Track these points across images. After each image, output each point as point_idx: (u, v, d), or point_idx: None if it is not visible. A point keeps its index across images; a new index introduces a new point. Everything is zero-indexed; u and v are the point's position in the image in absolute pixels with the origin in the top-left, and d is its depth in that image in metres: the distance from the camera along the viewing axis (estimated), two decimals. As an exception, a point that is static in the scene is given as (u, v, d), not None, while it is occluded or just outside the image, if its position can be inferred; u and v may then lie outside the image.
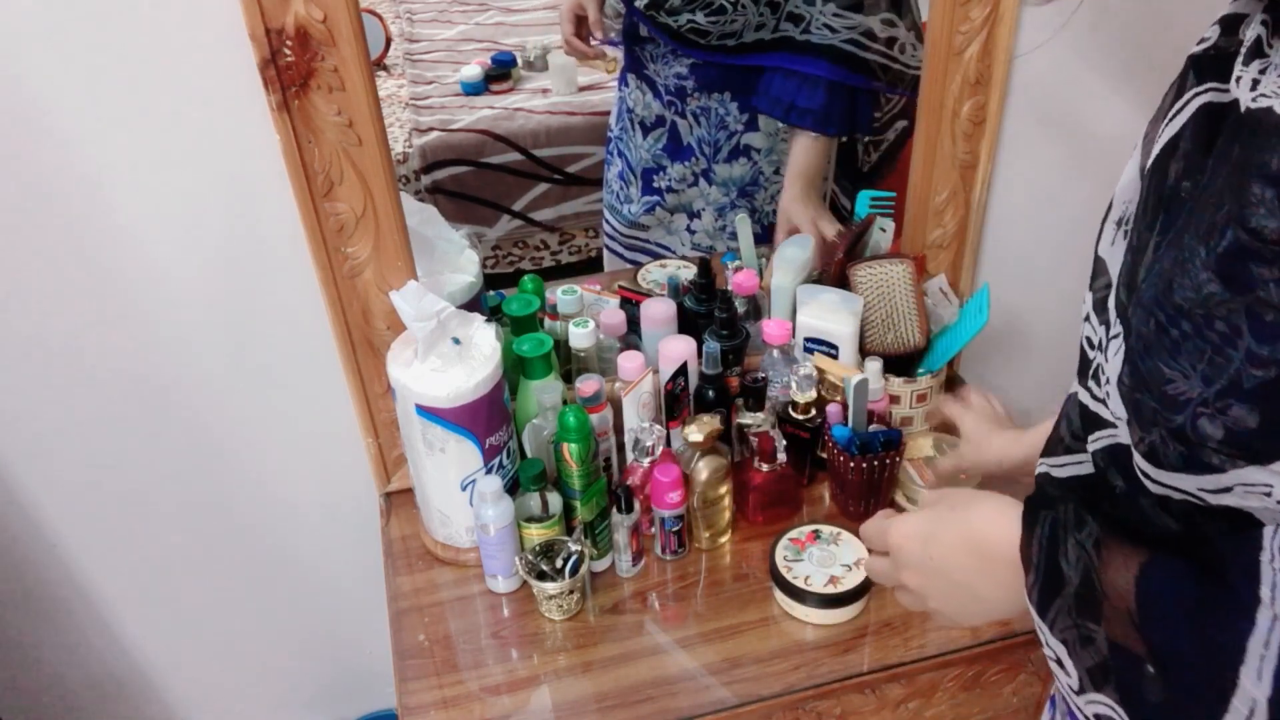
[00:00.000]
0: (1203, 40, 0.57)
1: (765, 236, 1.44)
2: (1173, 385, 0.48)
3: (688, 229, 1.49)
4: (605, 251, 1.60)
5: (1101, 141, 1.25)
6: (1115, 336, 0.56)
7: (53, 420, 1.12)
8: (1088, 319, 0.62)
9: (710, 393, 1.13)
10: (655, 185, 1.47)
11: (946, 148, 1.19)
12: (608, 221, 1.57)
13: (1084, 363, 0.63)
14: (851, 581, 1.02)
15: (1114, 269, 0.59)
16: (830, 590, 1.01)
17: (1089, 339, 0.62)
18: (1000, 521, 0.62)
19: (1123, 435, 0.57)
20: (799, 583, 1.02)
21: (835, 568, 1.04)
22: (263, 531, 1.30)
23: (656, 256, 1.51)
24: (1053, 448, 0.68)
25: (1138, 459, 0.54)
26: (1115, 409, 0.56)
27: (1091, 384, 0.61)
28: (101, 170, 0.96)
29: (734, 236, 1.38)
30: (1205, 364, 0.46)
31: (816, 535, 1.08)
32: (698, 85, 1.37)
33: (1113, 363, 0.55)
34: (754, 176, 1.42)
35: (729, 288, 1.24)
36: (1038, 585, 0.58)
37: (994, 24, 1.10)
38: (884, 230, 1.27)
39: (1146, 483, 0.54)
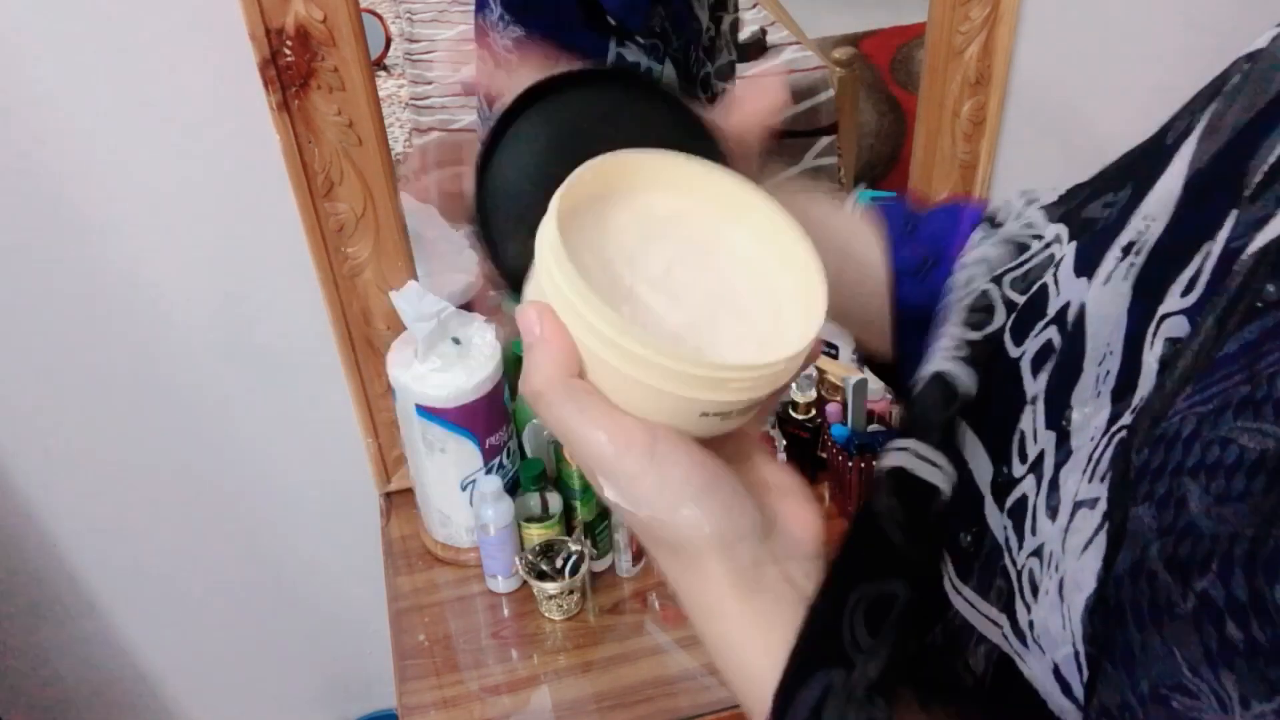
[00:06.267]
0: None
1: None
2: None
3: None
4: None
5: (1101, 141, 1.24)
6: (1086, 504, 0.32)
7: (52, 420, 1.12)
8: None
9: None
10: None
11: (946, 148, 1.19)
12: None
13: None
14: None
15: (1098, 334, 0.36)
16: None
17: (1019, 451, 0.38)
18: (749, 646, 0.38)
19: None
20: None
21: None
22: (263, 531, 1.30)
23: None
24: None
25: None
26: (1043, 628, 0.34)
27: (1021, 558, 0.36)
28: (101, 170, 0.96)
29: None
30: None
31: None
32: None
33: (1073, 562, 0.32)
34: None
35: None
36: None
37: (994, 24, 1.10)
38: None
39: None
